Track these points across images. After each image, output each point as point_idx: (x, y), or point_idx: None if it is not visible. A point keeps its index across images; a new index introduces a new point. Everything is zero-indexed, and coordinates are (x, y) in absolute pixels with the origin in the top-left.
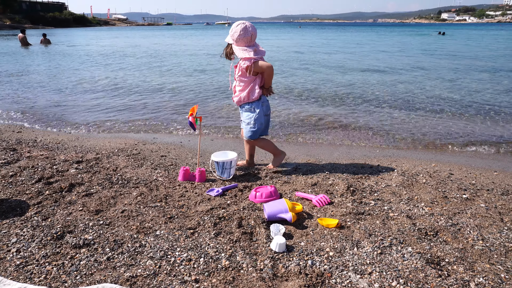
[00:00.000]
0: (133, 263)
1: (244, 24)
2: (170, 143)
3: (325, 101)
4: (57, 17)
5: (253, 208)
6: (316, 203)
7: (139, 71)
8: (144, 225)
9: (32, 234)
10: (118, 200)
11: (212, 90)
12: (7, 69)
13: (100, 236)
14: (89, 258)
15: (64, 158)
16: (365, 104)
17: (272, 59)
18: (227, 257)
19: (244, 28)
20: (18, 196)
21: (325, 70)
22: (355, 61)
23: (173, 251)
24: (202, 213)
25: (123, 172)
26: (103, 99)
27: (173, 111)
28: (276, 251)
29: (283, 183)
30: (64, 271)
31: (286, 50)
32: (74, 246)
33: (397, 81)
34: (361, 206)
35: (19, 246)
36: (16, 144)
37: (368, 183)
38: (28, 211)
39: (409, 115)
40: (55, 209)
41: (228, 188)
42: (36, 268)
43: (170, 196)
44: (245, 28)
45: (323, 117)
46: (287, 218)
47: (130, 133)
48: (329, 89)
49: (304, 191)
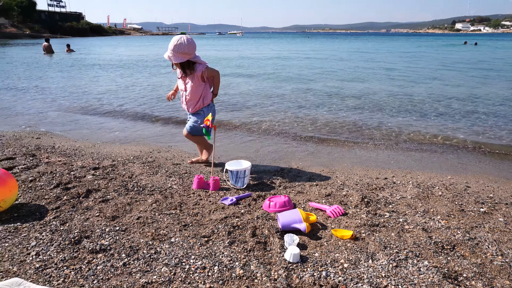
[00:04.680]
0: (149, 269)
1: (185, 36)
2: (184, 151)
3: (339, 111)
4: (75, 27)
5: (267, 217)
6: (330, 214)
7: (151, 80)
8: (159, 232)
9: (51, 238)
10: (133, 206)
11: (224, 100)
12: (31, 76)
13: (116, 242)
14: (105, 263)
15: (81, 165)
16: (379, 115)
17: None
18: (241, 266)
19: (191, 39)
20: (37, 201)
21: (344, 78)
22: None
23: (187, 259)
24: (216, 221)
25: (139, 179)
26: (119, 107)
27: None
28: (290, 261)
29: (297, 193)
30: (82, 275)
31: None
32: (91, 251)
33: (415, 91)
34: (375, 217)
35: (39, 250)
36: (35, 150)
37: (383, 194)
38: (47, 216)
39: (426, 127)
40: (72, 214)
41: (242, 197)
42: (55, 271)
43: (184, 204)
44: (191, 39)
45: (337, 127)
46: (301, 228)
47: (145, 140)
48: (347, 98)
49: (318, 202)
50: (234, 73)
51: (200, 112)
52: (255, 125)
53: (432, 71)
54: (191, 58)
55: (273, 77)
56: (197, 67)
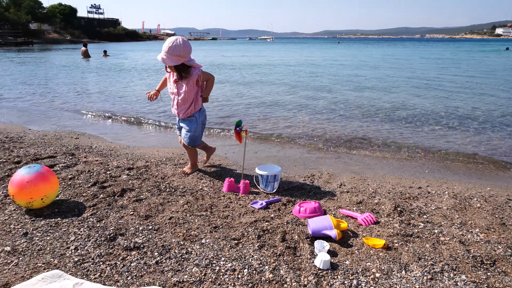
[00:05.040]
0: (180, 268)
1: (181, 38)
2: (214, 154)
3: (371, 119)
4: (111, 32)
5: (297, 223)
6: (362, 222)
7: None
8: (190, 233)
9: (88, 234)
10: (166, 207)
11: (257, 102)
12: (70, 79)
13: (149, 241)
14: (139, 261)
15: (117, 165)
16: (414, 123)
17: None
18: (270, 270)
19: (187, 41)
20: (76, 198)
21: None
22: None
23: (218, 260)
24: (246, 224)
25: (171, 181)
26: (152, 110)
27: (217, 123)
28: (320, 268)
29: (327, 199)
30: (117, 271)
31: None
32: (125, 248)
33: (451, 99)
34: (409, 227)
35: (77, 244)
36: (74, 149)
37: (417, 204)
38: (84, 212)
39: (465, 136)
40: (108, 212)
41: (272, 202)
42: (91, 266)
43: (215, 206)
44: (187, 41)
45: (368, 135)
46: (332, 235)
47: (177, 143)
48: (378, 107)
49: (349, 209)
50: (261, 79)
51: (192, 118)
52: (284, 130)
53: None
54: (186, 61)
55: (302, 84)
56: (193, 71)
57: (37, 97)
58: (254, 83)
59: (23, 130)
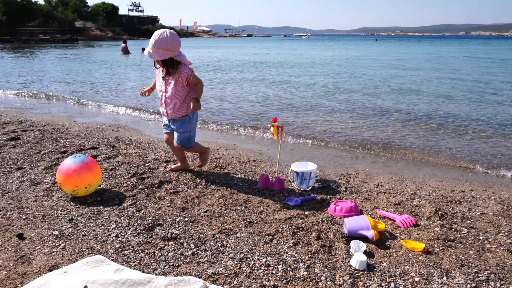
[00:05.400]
0: (215, 261)
1: (168, 31)
2: (249, 150)
3: (410, 118)
4: (150, 29)
5: (332, 221)
6: (400, 224)
7: (217, 77)
8: (225, 227)
9: (128, 223)
10: (201, 200)
11: (293, 101)
12: (111, 74)
13: (186, 232)
14: (176, 251)
15: (155, 157)
16: (457, 127)
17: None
18: (305, 267)
19: (175, 34)
20: (116, 188)
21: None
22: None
23: (252, 255)
24: (280, 221)
25: (206, 175)
26: None
27: (252, 119)
28: (356, 268)
29: (364, 199)
30: (155, 260)
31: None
32: (163, 238)
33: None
34: (451, 232)
35: (118, 232)
36: (115, 141)
37: (459, 208)
38: (124, 202)
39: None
40: (147, 203)
41: (307, 199)
42: (131, 253)
43: (249, 201)
44: (175, 34)
45: (407, 135)
46: (369, 235)
47: (213, 137)
48: (418, 105)
49: (386, 210)
50: (297, 78)
51: (185, 119)
52: (320, 129)
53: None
54: (175, 55)
55: (338, 84)
56: (182, 69)
57: (80, 91)
58: (289, 81)
59: (68, 122)
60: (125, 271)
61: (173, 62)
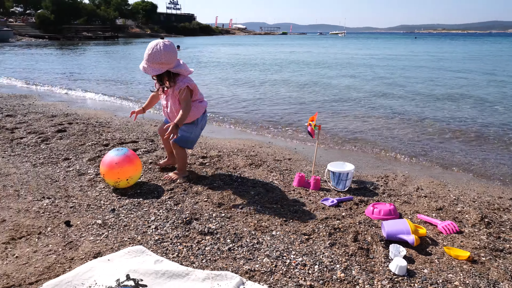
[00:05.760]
0: (251, 257)
1: (162, 42)
2: (284, 148)
3: (454, 117)
4: (187, 27)
5: (370, 224)
6: (442, 230)
7: (253, 76)
8: (261, 224)
9: (166, 215)
10: (237, 196)
11: (330, 99)
12: None
13: (222, 228)
14: (212, 246)
15: (191, 152)
16: (504, 123)
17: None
18: (342, 269)
19: (169, 43)
20: (155, 181)
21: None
22: None
23: (288, 253)
24: (316, 220)
25: (242, 171)
26: (224, 101)
27: (289, 117)
28: (395, 273)
29: (403, 202)
30: (192, 253)
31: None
32: (200, 232)
33: None
34: (499, 241)
35: (157, 224)
36: (154, 136)
37: (508, 216)
38: (163, 195)
39: None
40: (184, 197)
41: (343, 200)
42: (170, 246)
43: (285, 199)
44: (170, 44)
45: (449, 136)
46: (409, 240)
47: (249, 135)
48: (463, 104)
49: (427, 215)
50: (334, 76)
51: (193, 122)
52: (357, 129)
53: None
54: (172, 67)
55: (376, 83)
56: (178, 81)
57: (120, 86)
58: (325, 81)
59: (110, 116)
60: (165, 263)
61: (170, 75)
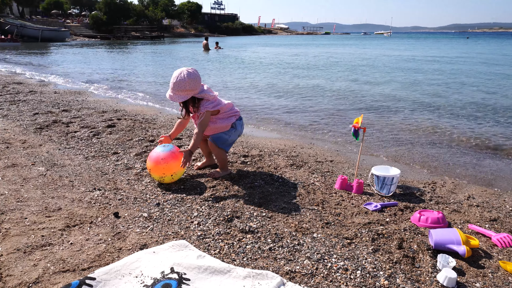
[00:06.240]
0: (292, 258)
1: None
2: (326, 149)
3: (508, 124)
4: (230, 27)
5: (416, 231)
6: (497, 242)
7: (298, 74)
8: (302, 225)
9: (208, 212)
10: (278, 196)
11: (375, 100)
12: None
13: (263, 227)
14: (253, 244)
15: (233, 151)
16: None
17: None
18: (385, 276)
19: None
20: (198, 178)
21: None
22: None
23: (329, 257)
24: (359, 225)
25: (283, 172)
26: (266, 101)
27: (332, 118)
28: (444, 284)
29: (452, 211)
30: (234, 251)
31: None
32: (241, 230)
33: None
34: None
35: (200, 220)
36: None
37: None
38: (205, 192)
39: None
40: (226, 195)
41: (388, 205)
42: (212, 242)
43: (326, 202)
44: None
45: (504, 140)
46: (460, 251)
47: (290, 135)
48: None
49: (479, 225)
50: (379, 77)
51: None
52: (403, 131)
53: None
54: (196, 93)
55: (421, 84)
56: (202, 106)
57: (165, 84)
58: (369, 82)
59: (155, 113)
60: (207, 258)
61: (194, 100)
